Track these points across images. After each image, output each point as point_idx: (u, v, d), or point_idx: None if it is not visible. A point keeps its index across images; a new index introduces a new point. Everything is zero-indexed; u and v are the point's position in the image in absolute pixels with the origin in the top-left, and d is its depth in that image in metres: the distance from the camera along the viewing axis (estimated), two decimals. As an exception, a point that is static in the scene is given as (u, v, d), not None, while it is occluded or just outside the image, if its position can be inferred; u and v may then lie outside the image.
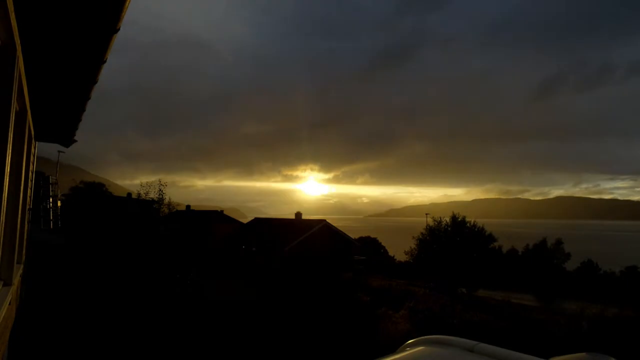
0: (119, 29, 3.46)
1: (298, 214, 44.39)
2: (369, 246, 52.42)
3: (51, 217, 12.51)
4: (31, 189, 8.65)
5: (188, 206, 54.61)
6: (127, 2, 3.06)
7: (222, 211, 53.99)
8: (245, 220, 53.57)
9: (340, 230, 40.54)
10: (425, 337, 2.03)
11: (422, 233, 32.91)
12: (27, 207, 8.06)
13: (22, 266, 7.52)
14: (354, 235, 46.79)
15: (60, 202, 14.10)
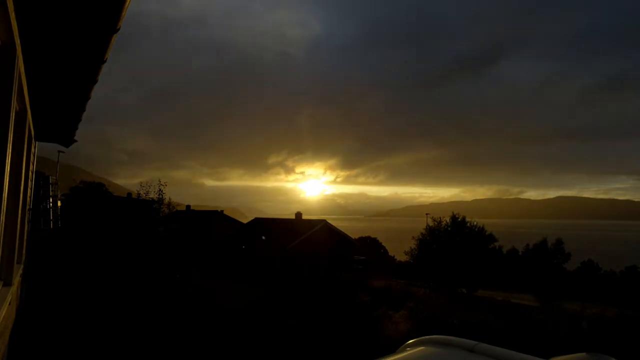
0: (119, 29, 3.46)
1: (298, 214, 44.39)
2: (369, 246, 52.43)
3: (51, 217, 12.51)
4: (31, 189, 8.66)
5: (188, 206, 54.60)
6: (127, 2, 3.06)
7: (222, 211, 53.92)
8: (245, 220, 53.53)
9: (341, 230, 40.55)
10: (425, 337, 2.02)
11: (422, 233, 32.93)
12: (27, 207, 8.06)
13: (22, 266, 7.52)
14: (354, 235, 46.81)
15: (60, 202, 14.10)
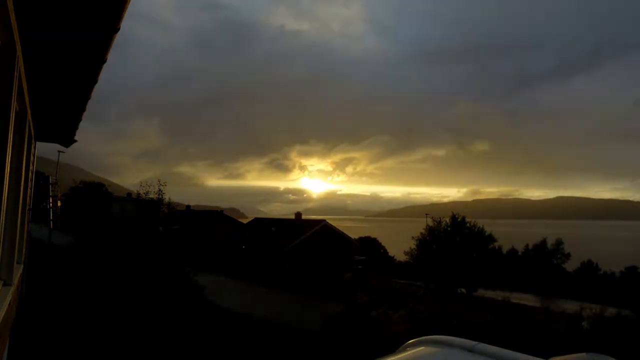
0: (119, 29, 3.46)
1: (298, 214, 44.44)
2: (369, 246, 52.34)
3: (51, 217, 12.52)
4: (31, 189, 8.65)
5: (188, 206, 54.67)
6: (128, 2, 3.06)
7: (222, 211, 54.01)
8: (245, 221, 53.61)
9: (340, 231, 40.57)
10: (425, 337, 2.02)
11: (421, 233, 32.93)
12: (27, 207, 8.06)
13: (22, 266, 7.52)
14: (354, 235, 46.80)
15: (60, 202, 14.11)
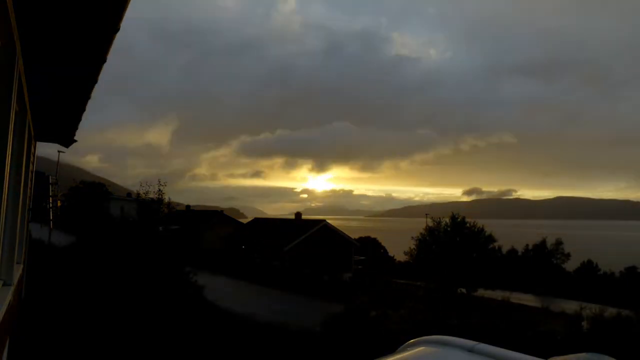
0: (119, 29, 3.46)
1: (298, 214, 44.46)
2: (369, 246, 52.41)
3: (51, 217, 12.53)
4: (31, 189, 8.66)
5: (188, 206, 54.74)
6: (128, 2, 3.06)
7: (222, 211, 54.02)
8: (245, 221, 53.65)
9: (340, 231, 40.58)
10: (425, 337, 2.02)
11: (421, 233, 32.90)
12: (27, 207, 8.06)
13: (22, 266, 7.52)
14: (353, 235, 46.82)
15: (60, 202, 14.12)
